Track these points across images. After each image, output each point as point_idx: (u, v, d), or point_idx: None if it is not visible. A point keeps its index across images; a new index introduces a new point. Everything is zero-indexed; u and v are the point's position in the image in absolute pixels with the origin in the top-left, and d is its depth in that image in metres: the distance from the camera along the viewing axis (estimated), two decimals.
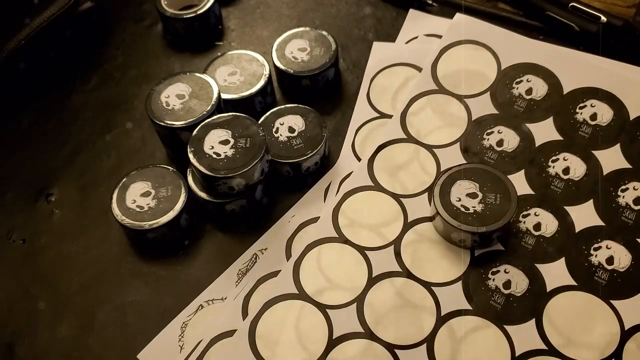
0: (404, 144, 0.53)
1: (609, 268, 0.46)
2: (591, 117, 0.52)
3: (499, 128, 0.53)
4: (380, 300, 0.46)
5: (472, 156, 0.52)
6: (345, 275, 0.47)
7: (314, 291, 0.47)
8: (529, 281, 0.46)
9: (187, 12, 0.60)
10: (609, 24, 0.55)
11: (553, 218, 0.48)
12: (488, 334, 0.44)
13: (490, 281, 0.46)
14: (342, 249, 0.48)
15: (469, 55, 0.56)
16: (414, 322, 0.45)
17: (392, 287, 0.46)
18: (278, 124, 0.52)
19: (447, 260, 0.47)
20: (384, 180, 0.51)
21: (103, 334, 0.47)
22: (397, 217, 0.49)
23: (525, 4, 0.60)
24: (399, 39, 0.60)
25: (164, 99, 0.51)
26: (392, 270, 0.47)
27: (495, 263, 0.47)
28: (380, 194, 0.51)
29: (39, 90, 0.59)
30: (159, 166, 0.51)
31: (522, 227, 0.48)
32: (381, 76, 0.57)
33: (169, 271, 0.49)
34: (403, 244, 0.48)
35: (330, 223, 0.49)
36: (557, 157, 0.51)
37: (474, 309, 0.45)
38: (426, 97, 0.55)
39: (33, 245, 0.51)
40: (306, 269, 0.47)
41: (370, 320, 0.45)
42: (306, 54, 0.56)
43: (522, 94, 0.54)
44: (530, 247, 0.47)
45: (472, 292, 0.46)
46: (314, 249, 0.48)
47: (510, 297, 0.46)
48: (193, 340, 0.46)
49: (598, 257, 0.47)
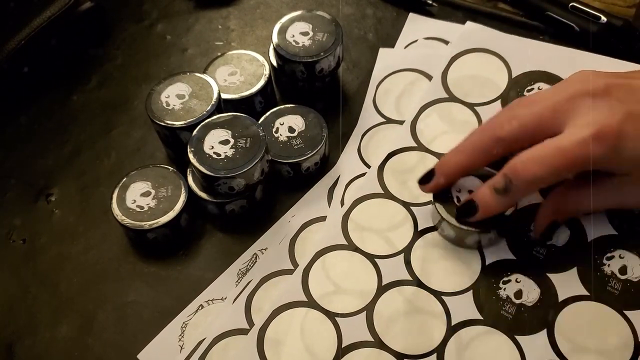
0: (413, 152, 0.52)
1: (622, 278, 0.45)
2: None
3: None
4: (390, 309, 0.46)
5: None
6: (355, 284, 0.47)
7: (323, 299, 0.46)
8: (540, 291, 0.45)
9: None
10: (609, 24, 0.55)
11: (565, 228, 0.47)
12: (499, 345, 0.44)
13: (501, 290, 0.46)
14: (351, 256, 0.48)
15: (479, 63, 0.56)
16: (424, 332, 0.45)
17: (402, 296, 0.46)
18: (278, 124, 0.52)
19: (457, 269, 0.47)
20: (393, 188, 0.51)
21: (103, 334, 0.47)
22: (407, 225, 0.49)
23: (525, 4, 0.60)
24: (398, 42, 0.60)
25: (164, 99, 0.51)
26: (402, 279, 0.47)
27: (506, 272, 0.46)
28: (390, 202, 0.50)
29: (39, 90, 0.59)
30: (159, 166, 0.51)
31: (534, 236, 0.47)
32: (387, 82, 0.57)
33: (169, 271, 0.49)
34: (413, 253, 0.48)
35: (340, 230, 0.49)
36: None
37: (484, 319, 0.45)
38: (436, 105, 0.54)
39: (33, 245, 0.51)
40: (315, 276, 0.47)
41: (379, 329, 0.45)
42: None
43: None
44: (542, 256, 0.46)
45: (482, 301, 0.45)
46: (323, 256, 0.48)
47: (522, 307, 0.45)
48: (193, 340, 0.46)
49: (611, 266, 0.45)
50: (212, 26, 0.63)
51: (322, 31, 0.54)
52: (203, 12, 0.64)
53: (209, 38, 0.62)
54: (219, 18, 0.64)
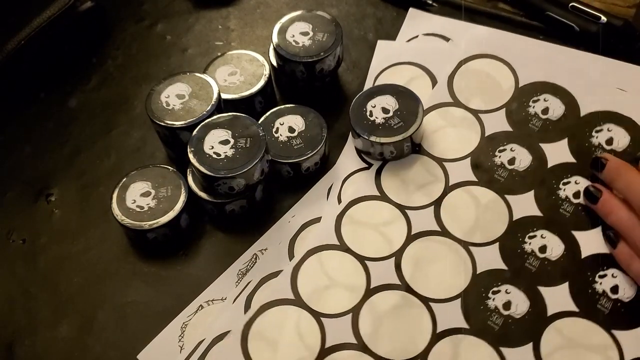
0: (413, 155, 0.52)
1: (613, 297, 0.45)
2: (607, 142, 0.51)
3: (512, 146, 0.52)
4: (376, 312, 0.46)
5: (482, 172, 0.51)
6: (343, 284, 0.47)
7: (310, 298, 0.46)
8: (529, 303, 0.45)
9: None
10: (609, 24, 0.55)
11: (560, 242, 0.47)
12: (483, 355, 0.44)
13: (490, 301, 0.45)
14: (342, 257, 0.48)
15: (487, 69, 0.56)
16: (409, 337, 0.44)
17: (389, 300, 0.46)
18: (278, 124, 0.52)
19: (448, 276, 0.47)
20: (390, 191, 0.51)
21: (103, 334, 0.47)
22: (401, 229, 0.49)
23: (525, 4, 0.60)
24: (398, 38, 0.60)
25: (164, 99, 0.51)
26: (391, 283, 0.47)
27: (497, 282, 0.46)
28: (385, 204, 0.50)
29: (39, 90, 0.59)
30: (159, 166, 0.51)
31: (528, 248, 0.47)
32: (385, 75, 0.57)
33: (169, 271, 0.49)
34: (404, 257, 0.48)
35: (333, 230, 0.49)
36: (569, 180, 0.50)
37: (471, 329, 0.45)
38: (440, 109, 0.54)
39: (33, 245, 0.51)
40: (304, 275, 0.47)
41: (364, 332, 0.45)
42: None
43: (537, 113, 0.53)
44: (534, 269, 0.46)
45: (470, 310, 0.45)
46: (313, 255, 0.48)
47: (509, 318, 0.45)
48: (193, 340, 0.46)
49: (603, 284, 0.45)
50: (212, 26, 0.63)
51: (322, 31, 0.54)
52: (203, 12, 0.64)
53: (209, 38, 0.62)
54: (219, 18, 0.64)
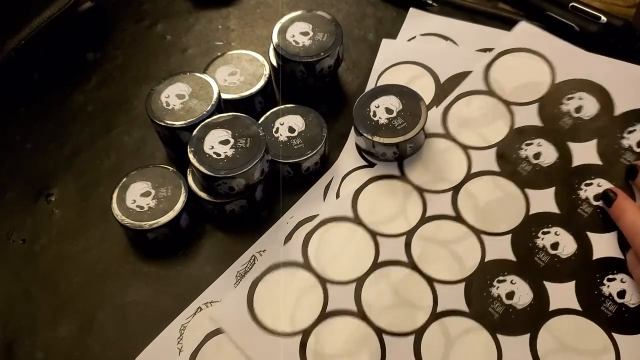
0: (441, 139, 0.53)
1: (619, 301, 0.45)
2: (638, 144, 0.50)
3: (539, 141, 0.52)
4: (380, 286, 0.46)
5: (506, 163, 0.51)
6: (352, 255, 0.48)
7: (317, 264, 0.47)
8: (533, 296, 0.45)
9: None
10: (609, 24, 0.55)
11: (573, 241, 0.47)
12: (479, 339, 0.44)
13: (494, 289, 0.46)
14: (355, 229, 0.49)
15: (525, 63, 0.56)
16: (408, 313, 0.45)
17: (394, 276, 0.47)
18: (278, 124, 0.52)
19: (456, 260, 0.47)
20: (411, 172, 0.51)
21: (103, 334, 0.47)
22: (416, 210, 0.50)
23: (525, 4, 0.60)
24: (399, 38, 0.60)
25: (164, 99, 0.51)
26: (399, 260, 0.47)
27: (503, 272, 0.46)
28: (405, 185, 0.51)
29: (39, 90, 0.59)
30: (159, 166, 0.51)
31: (540, 243, 0.47)
32: (388, 74, 0.57)
33: (169, 271, 0.49)
34: (415, 237, 0.48)
35: (350, 203, 0.50)
36: (592, 182, 0.49)
37: (470, 312, 0.45)
38: (473, 96, 0.54)
39: (33, 245, 0.51)
40: (315, 242, 0.48)
41: (365, 302, 0.46)
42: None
43: (570, 111, 0.53)
44: (543, 264, 0.47)
45: (473, 295, 0.46)
46: (326, 224, 0.49)
47: (510, 308, 0.45)
48: (192, 342, 0.46)
49: (610, 288, 0.45)
50: (212, 26, 0.63)
51: (322, 31, 0.54)
52: (203, 12, 0.64)
53: (209, 38, 0.62)
54: (219, 18, 0.64)
